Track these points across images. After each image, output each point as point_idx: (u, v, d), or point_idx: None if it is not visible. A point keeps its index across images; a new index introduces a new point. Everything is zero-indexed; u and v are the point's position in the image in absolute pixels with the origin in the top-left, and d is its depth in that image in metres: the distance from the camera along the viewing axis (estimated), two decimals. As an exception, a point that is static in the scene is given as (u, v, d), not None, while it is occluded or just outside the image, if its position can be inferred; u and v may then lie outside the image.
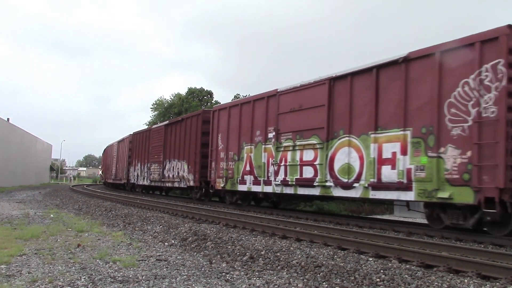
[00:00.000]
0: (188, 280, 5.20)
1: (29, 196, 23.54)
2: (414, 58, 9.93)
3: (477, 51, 8.63)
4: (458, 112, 8.94)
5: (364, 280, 5.32)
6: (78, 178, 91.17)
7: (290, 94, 13.77)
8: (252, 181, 15.21)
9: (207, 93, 48.26)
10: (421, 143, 9.60)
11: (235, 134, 16.34)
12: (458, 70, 8.97)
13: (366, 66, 11.12)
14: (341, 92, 11.87)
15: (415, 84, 9.85)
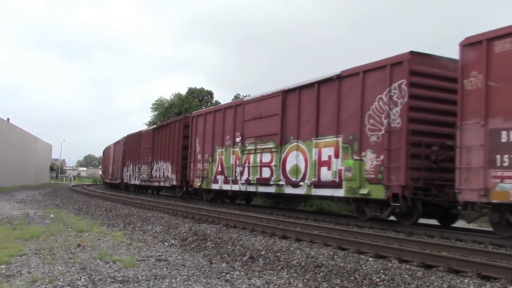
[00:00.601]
0: (188, 280, 5.21)
1: (29, 196, 23.54)
2: (345, 76, 11.74)
3: (388, 72, 10.50)
4: (375, 122, 10.78)
5: (364, 280, 5.32)
6: (78, 178, 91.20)
7: (253, 104, 15.72)
8: (223, 180, 17.06)
9: (207, 93, 48.26)
10: (349, 148, 11.43)
11: (209, 138, 18.26)
12: (375, 87, 10.81)
13: (310, 81, 12.94)
14: (291, 103, 13.68)
15: (345, 98, 11.69)
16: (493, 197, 8.24)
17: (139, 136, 28.60)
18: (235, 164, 16.35)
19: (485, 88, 8.60)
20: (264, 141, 14.82)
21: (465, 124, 8.88)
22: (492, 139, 8.37)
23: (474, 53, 8.87)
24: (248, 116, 15.77)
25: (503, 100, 8.32)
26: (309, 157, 12.78)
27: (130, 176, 29.79)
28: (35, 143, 51.43)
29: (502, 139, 8.23)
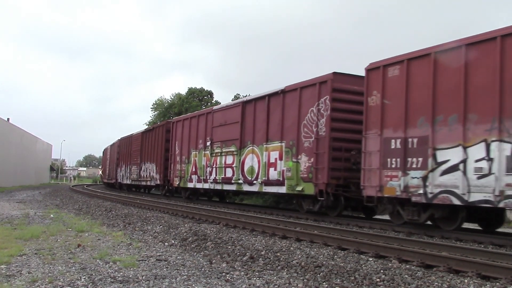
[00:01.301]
0: (188, 280, 5.21)
1: (29, 196, 23.55)
2: (287, 91, 13.96)
3: (317, 89, 12.64)
4: (308, 131, 12.94)
5: (364, 280, 5.32)
6: (78, 178, 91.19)
7: (220, 112, 17.92)
8: (196, 179, 19.27)
9: (207, 93, 48.26)
10: (289, 152, 13.56)
11: (186, 142, 20.41)
12: (308, 101, 12.94)
13: (262, 94, 15.23)
14: (249, 113, 15.79)
15: (287, 110, 13.83)
16: (385, 192, 10.31)
17: (130, 139, 30.65)
18: (205, 165, 18.47)
19: (381, 105, 10.58)
20: (228, 145, 16.92)
21: (368, 134, 10.92)
22: (385, 146, 10.38)
23: (374, 76, 10.81)
24: (216, 123, 17.90)
25: (393, 115, 10.30)
26: (261, 159, 14.92)
27: (123, 176, 31.86)
28: (35, 143, 51.42)
29: (391, 146, 10.26)
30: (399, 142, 10.12)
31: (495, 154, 8.28)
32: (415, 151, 9.78)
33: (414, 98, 9.90)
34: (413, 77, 9.99)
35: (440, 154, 9.30)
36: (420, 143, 9.68)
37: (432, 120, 9.45)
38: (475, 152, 8.65)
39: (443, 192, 9.17)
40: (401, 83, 10.16)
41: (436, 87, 9.46)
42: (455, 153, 8.99)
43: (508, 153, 8.11)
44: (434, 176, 9.35)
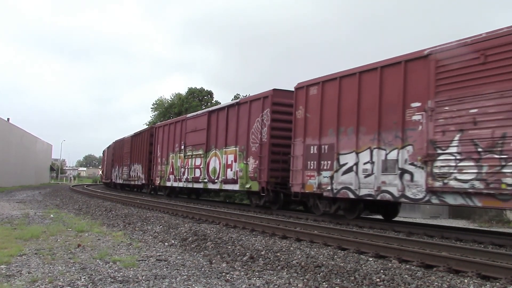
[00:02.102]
0: (188, 280, 5.21)
1: (29, 196, 23.55)
2: (241, 103, 16.56)
3: (261, 103, 15.12)
4: (255, 137, 15.37)
5: (364, 280, 5.32)
6: (78, 178, 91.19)
7: (192, 120, 20.37)
8: (173, 179, 21.74)
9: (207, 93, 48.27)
10: (241, 155, 15.96)
11: (166, 145, 22.96)
12: (255, 113, 15.42)
13: (223, 105, 18.09)
14: (213, 121, 18.29)
15: (241, 120, 16.29)
16: (306, 188, 12.59)
17: (122, 142, 33.34)
18: (180, 166, 20.97)
19: (305, 117, 12.90)
20: (197, 149, 19.40)
21: (295, 141, 13.22)
22: (307, 151, 12.64)
23: (300, 94, 13.10)
24: (189, 129, 20.42)
25: (312, 126, 12.58)
26: (221, 161, 17.29)
27: (116, 176, 34.63)
28: (35, 143, 51.42)
29: (311, 151, 12.53)
30: (315, 148, 12.39)
31: (375, 158, 10.55)
32: (326, 156, 12.08)
33: (326, 113, 12.22)
34: (326, 96, 12.30)
35: (341, 158, 11.58)
36: (329, 149, 11.99)
37: (337, 131, 11.76)
38: (363, 156, 10.91)
39: (343, 188, 11.44)
40: (318, 100, 12.49)
41: (340, 105, 11.76)
42: (351, 158, 11.26)
43: (383, 158, 10.40)
44: (338, 176, 11.63)
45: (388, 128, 10.37)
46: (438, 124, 9.30)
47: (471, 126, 8.73)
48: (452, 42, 9.33)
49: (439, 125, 9.28)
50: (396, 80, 10.32)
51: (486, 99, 8.55)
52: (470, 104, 8.78)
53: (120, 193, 28.82)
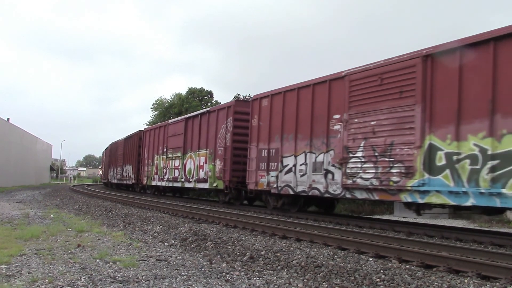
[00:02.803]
0: (188, 280, 5.20)
1: (29, 196, 23.55)
2: (211, 111, 18.75)
3: (226, 112, 17.33)
4: (220, 142, 17.45)
5: (364, 280, 5.32)
6: (78, 178, 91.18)
7: (173, 125, 22.70)
8: (157, 178, 24.12)
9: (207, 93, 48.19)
10: (211, 157, 18.11)
11: (151, 148, 25.37)
12: (222, 120, 17.60)
13: (197, 113, 20.46)
14: (189, 127, 20.55)
15: (210, 126, 18.45)
16: (259, 186, 14.79)
17: (117, 144, 35.97)
18: (163, 167, 23.26)
19: (258, 125, 15.03)
20: (176, 151, 21.62)
21: (251, 145, 15.31)
22: (259, 154, 14.78)
23: (255, 104, 15.30)
24: (170, 133, 22.69)
25: (263, 132, 14.71)
26: (195, 163, 19.53)
27: (112, 176, 37.32)
28: (35, 143, 51.41)
29: (262, 154, 14.68)
30: (266, 152, 14.52)
31: (308, 160, 12.67)
32: (273, 158, 14.19)
33: (274, 121, 14.31)
34: (274, 107, 14.36)
35: (284, 160, 13.65)
36: (276, 152, 14.09)
37: (281, 137, 13.82)
38: (300, 159, 13.04)
39: (286, 186, 13.55)
40: (268, 111, 14.60)
41: (284, 115, 13.80)
42: (291, 160, 13.34)
43: (313, 160, 12.49)
44: (281, 175, 13.76)
45: (318, 135, 12.43)
46: (350, 133, 11.34)
47: (371, 135, 10.73)
48: (361, 66, 11.28)
49: (351, 133, 11.32)
50: (323, 96, 12.29)
51: (381, 114, 10.54)
52: (371, 117, 10.81)
53: (120, 193, 28.89)
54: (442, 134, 9.24)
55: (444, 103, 9.29)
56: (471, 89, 8.87)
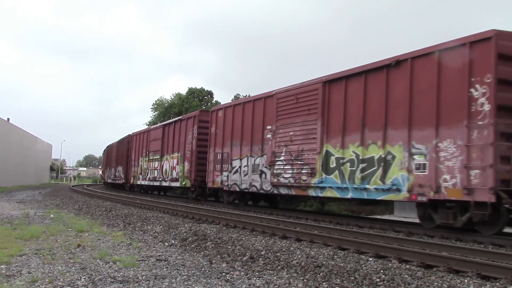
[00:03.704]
0: (188, 280, 5.20)
1: (29, 196, 23.55)
2: (182, 119, 21.62)
3: (193, 120, 20.16)
4: (188, 147, 20.16)
5: (364, 280, 5.32)
6: (78, 178, 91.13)
7: (153, 131, 26.11)
8: (141, 178, 27.36)
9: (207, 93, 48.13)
10: (181, 160, 21.04)
11: (137, 151, 28.74)
12: (189, 128, 20.45)
13: (171, 121, 23.65)
14: (166, 133, 23.71)
15: (181, 132, 21.38)
16: (215, 184, 17.65)
17: (112, 146, 39.55)
18: (145, 168, 26.54)
19: (215, 133, 17.91)
20: (156, 154, 24.75)
21: (209, 150, 18.32)
22: (215, 157, 17.71)
23: (213, 115, 18.23)
24: (151, 138, 25.93)
25: (219, 139, 17.55)
26: (170, 164, 22.48)
27: (108, 176, 41.16)
28: (35, 143, 51.39)
29: (218, 157, 17.51)
30: (220, 155, 17.36)
31: (249, 163, 15.46)
32: (225, 161, 16.99)
33: (226, 130, 17.12)
34: (226, 118, 17.16)
35: (233, 162, 16.49)
36: (227, 156, 16.90)
37: (231, 143, 16.65)
38: (243, 162, 15.83)
39: (234, 184, 16.43)
40: (222, 121, 17.42)
41: (233, 125, 16.66)
42: (238, 162, 16.15)
43: (253, 163, 15.30)
44: (231, 175, 16.57)
45: (256, 142, 15.21)
46: (276, 141, 14.18)
47: (290, 143, 13.61)
48: (285, 87, 14.13)
49: (277, 141, 14.15)
50: (260, 110, 15.11)
51: (296, 126, 13.37)
52: (290, 129, 13.66)
53: (120, 193, 28.92)
54: (334, 143, 12.00)
55: (335, 119, 12.01)
56: (351, 109, 11.51)
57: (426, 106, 9.60)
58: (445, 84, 9.34)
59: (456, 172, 8.93)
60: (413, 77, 10.00)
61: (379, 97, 10.75)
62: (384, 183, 10.40)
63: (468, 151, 8.74)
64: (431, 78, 9.57)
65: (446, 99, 9.27)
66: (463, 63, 9.00)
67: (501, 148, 8.44)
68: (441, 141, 9.29)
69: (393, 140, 10.33)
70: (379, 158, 10.59)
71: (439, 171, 9.25)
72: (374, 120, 10.82)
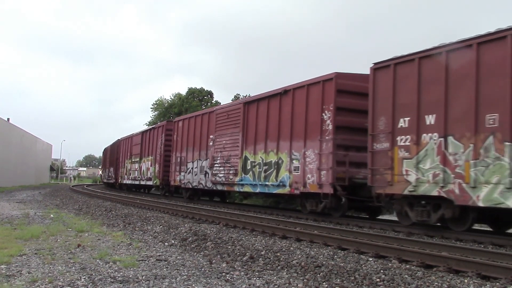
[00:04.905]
0: (188, 280, 5.20)
1: (29, 196, 23.55)
2: (155, 128, 25.76)
3: (161, 129, 24.19)
4: (159, 151, 23.98)
5: (364, 280, 5.32)
6: (78, 178, 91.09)
7: (135, 136, 29.62)
8: (126, 178, 31.22)
9: (207, 93, 48.17)
10: (153, 162, 24.70)
11: (124, 154, 32.74)
12: (159, 135, 24.29)
13: (148, 128, 28.03)
14: (143, 138, 27.66)
15: (154, 139, 25.39)
16: (176, 183, 21.29)
17: (107, 149, 43.60)
18: (129, 169, 30.42)
19: (176, 140, 21.62)
20: (137, 157, 28.58)
21: (172, 154, 21.97)
22: (176, 160, 21.35)
23: (175, 125, 22.06)
24: (134, 143, 29.81)
25: (179, 145, 21.30)
26: (146, 166, 26.49)
27: (104, 176, 46.21)
28: (35, 143, 51.37)
29: (178, 160, 21.08)
30: (179, 159, 21.07)
31: (198, 165, 19.24)
32: (183, 163, 20.72)
33: (183, 138, 20.86)
34: (184, 128, 20.97)
35: (188, 164, 20.23)
36: (184, 159, 20.65)
37: (187, 148, 20.36)
38: (195, 164, 19.63)
39: (188, 182, 20.17)
40: (181, 130, 21.22)
41: (188, 134, 20.43)
42: (191, 164, 19.98)
43: (201, 165, 18.99)
44: (186, 175, 20.31)
45: (203, 148, 18.97)
46: (215, 148, 17.80)
47: (223, 150, 17.21)
48: (223, 105, 19.05)
49: (215, 148, 17.78)
50: (205, 122, 18.93)
51: (227, 136, 17.08)
52: (223, 138, 17.32)
53: (120, 193, 28.97)
54: (249, 150, 15.64)
55: (251, 132, 15.66)
56: (260, 125, 15.19)
57: (300, 124, 13.22)
58: (310, 109, 12.90)
59: (314, 173, 12.51)
60: (294, 103, 13.63)
61: (275, 117, 14.38)
62: (276, 181, 14.07)
63: (320, 157, 12.32)
64: (303, 104, 13.16)
65: (310, 120, 12.86)
66: (319, 95, 12.57)
67: (338, 156, 11.91)
68: (307, 150, 12.88)
69: (283, 148, 13.95)
70: (275, 162, 14.27)
71: (305, 172, 12.85)
72: (272, 133, 14.48)
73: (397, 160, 9.97)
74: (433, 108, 9.29)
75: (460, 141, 8.78)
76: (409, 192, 9.67)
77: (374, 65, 10.83)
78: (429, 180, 9.26)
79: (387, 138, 10.26)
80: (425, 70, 9.61)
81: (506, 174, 7.93)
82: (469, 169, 8.56)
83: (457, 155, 8.82)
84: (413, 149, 9.65)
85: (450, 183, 8.87)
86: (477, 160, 8.42)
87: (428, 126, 9.37)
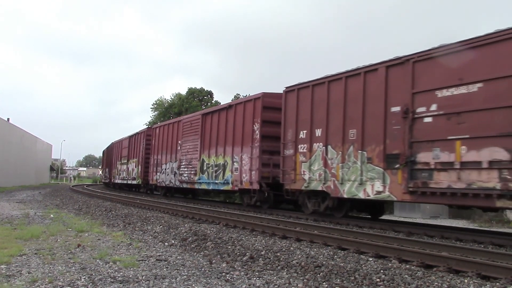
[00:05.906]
0: (188, 280, 5.20)
1: (29, 196, 23.55)
2: (139, 133, 28.94)
3: (143, 135, 27.96)
4: (141, 154, 27.78)
5: (364, 280, 5.32)
6: (78, 178, 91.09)
7: (125, 140, 32.72)
8: (117, 178, 34.66)
9: (207, 93, 48.14)
10: (138, 163, 28.26)
11: (115, 156, 36.23)
12: (142, 140, 27.91)
13: (134, 133, 30.36)
14: (130, 143, 30.64)
15: (137, 143, 28.99)
16: (153, 182, 24.97)
17: (105, 150, 46.15)
18: (119, 170, 33.79)
19: (154, 144, 25.13)
20: (125, 159, 31.76)
21: (151, 156, 25.62)
22: (154, 162, 24.83)
23: (153, 131, 25.73)
24: (123, 146, 32.95)
25: (156, 149, 24.85)
26: (132, 167, 29.53)
27: (102, 176, 49.63)
28: (35, 143, 51.37)
29: (155, 162, 24.69)
30: (156, 160, 24.24)
31: (169, 166, 22.40)
32: (159, 164, 23.90)
33: (159, 143, 24.16)
34: (159, 134, 24.24)
35: (162, 166, 23.30)
36: (159, 161, 23.81)
37: (161, 152, 23.54)
38: (167, 165, 22.67)
39: (162, 181, 23.33)
40: (157, 136, 24.52)
41: (163, 139, 23.55)
42: (165, 166, 22.91)
43: (172, 166, 21.97)
44: (160, 175, 23.47)
45: (173, 152, 21.99)
46: (182, 152, 20.92)
47: (187, 153, 20.31)
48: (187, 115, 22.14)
49: (182, 152, 20.85)
50: (175, 130, 22.02)
51: (190, 142, 20.20)
52: (187, 144, 20.50)
53: (120, 193, 28.94)
54: (206, 154, 18.66)
55: (207, 138, 18.69)
56: (213, 133, 18.10)
57: (239, 133, 16.22)
58: (246, 121, 15.93)
59: (247, 173, 15.52)
60: (235, 116, 16.64)
61: (223, 127, 17.39)
62: (223, 179, 17.08)
63: (251, 160, 15.32)
64: (241, 117, 16.16)
65: (246, 130, 15.88)
66: (251, 110, 15.64)
67: (263, 159, 14.88)
68: (243, 154, 15.87)
69: (228, 153, 16.90)
70: (222, 164, 17.23)
71: (242, 172, 15.84)
72: (221, 140, 17.48)
73: (298, 163, 12.92)
74: (320, 124, 12.22)
75: (335, 149, 11.65)
76: (305, 188, 12.56)
77: (286, 88, 13.70)
78: (317, 179, 12.14)
79: (292, 146, 13.20)
80: (316, 95, 12.44)
81: (358, 174, 10.78)
82: (339, 170, 11.44)
83: (332, 160, 11.68)
84: (307, 155, 12.58)
85: (329, 180, 11.74)
86: (344, 163, 11.30)
87: (317, 137, 12.33)
